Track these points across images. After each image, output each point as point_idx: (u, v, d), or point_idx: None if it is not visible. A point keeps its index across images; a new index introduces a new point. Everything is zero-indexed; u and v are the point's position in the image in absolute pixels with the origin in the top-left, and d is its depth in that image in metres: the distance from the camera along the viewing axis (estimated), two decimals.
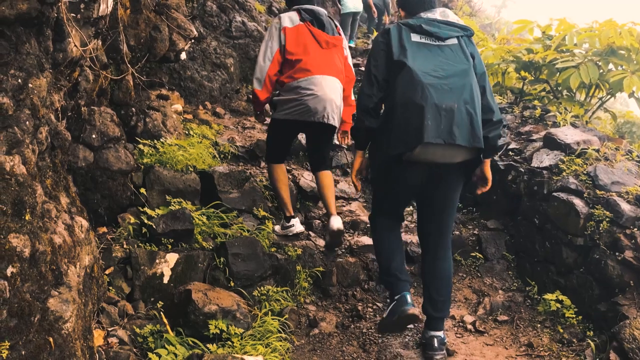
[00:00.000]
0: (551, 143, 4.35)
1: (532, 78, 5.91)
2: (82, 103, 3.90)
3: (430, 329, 3.27)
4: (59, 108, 2.66)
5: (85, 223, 2.55)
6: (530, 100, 5.68)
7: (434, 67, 2.94)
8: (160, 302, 3.34)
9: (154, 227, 3.72)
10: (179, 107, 6.85)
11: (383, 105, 3.18)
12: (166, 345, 2.82)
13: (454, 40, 3.08)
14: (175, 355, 2.78)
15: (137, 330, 3.02)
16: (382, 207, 3.48)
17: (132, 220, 3.81)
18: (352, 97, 4.49)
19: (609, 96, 5.33)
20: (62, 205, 2.49)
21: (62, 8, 2.44)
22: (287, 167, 5.81)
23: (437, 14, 3.22)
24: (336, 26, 4.33)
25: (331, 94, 4.07)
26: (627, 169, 3.87)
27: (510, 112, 5.37)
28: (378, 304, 3.99)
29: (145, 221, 3.75)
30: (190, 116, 6.95)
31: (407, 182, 3.15)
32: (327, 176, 4.46)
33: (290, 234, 4.38)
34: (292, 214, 4.48)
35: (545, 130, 4.64)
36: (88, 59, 3.18)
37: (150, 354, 2.73)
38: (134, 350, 2.93)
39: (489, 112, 3.03)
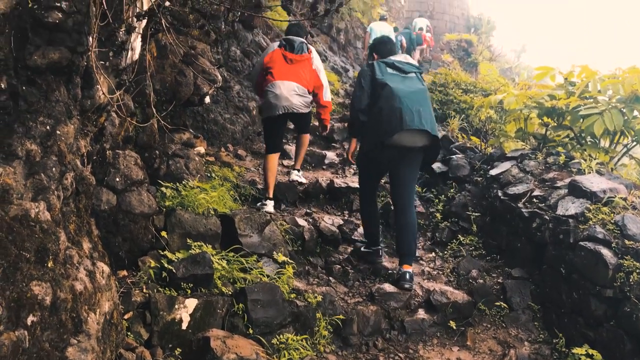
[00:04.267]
0: (576, 191, 4.28)
1: (555, 124, 5.88)
2: (107, 147, 3.96)
3: (402, 264, 4.45)
4: (85, 153, 2.69)
5: (106, 269, 2.54)
6: (553, 147, 5.63)
7: (404, 86, 4.46)
8: (178, 348, 3.29)
9: (174, 271, 3.70)
10: (201, 149, 6.91)
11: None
12: None
13: (413, 75, 4.64)
14: None
15: None
16: (366, 180, 4.91)
17: (153, 264, 3.79)
18: (324, 100, 6.02)
19: (635, 143, 5.26)
20: (84, 250, 2.49)
21: (92, 57, 2.49)
22: (308, 210, 5.87)
23: (401, 57, 4.81)
24: (308, 49, 5.86)
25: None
26: None
27: (534, 159, 5.31)
28: (400, 354, 3.88)
29: (166, 265, 3.73)
30: (212, 158, 7.01)
31: (384, 159, 4.57)
32: (303, 137, 6.44)
33: (263, 209, 5.44)
34: (270, 197, 5.70)
35: (570, 177, 4.57)
36: (115, 106, 3.23)
37: None
38: None
39: None
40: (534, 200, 4.65)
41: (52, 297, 1.93)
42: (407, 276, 4.38)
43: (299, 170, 6.63)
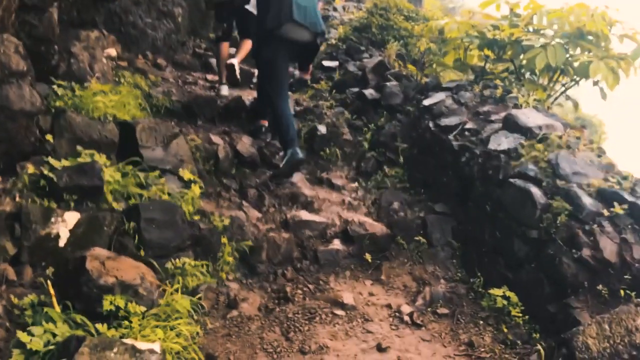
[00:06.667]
0: (511, 125, 4.01)
1: (495, 57, 5.58)
2: None
3: (293, 146, 4.68)
4: None
5: None
6: (491, 80, 5.34)
7: None
8: (51, 267, 2.84)
9: (55, 180, 3.17)
10: (112, 51, 6.19)
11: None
12: (44, 322, 2.33)
13: None
14: (54, 334, 2.30)
15: (15, 300, 2.52)
16: (270, 79, 4.95)
17: (32, 170, 3.24)
18: None
19: (573, 82, 5.04)
20: None
21: None
22: (227, 129, 5.37)
23: None
24: None
25: None
26: (590, 159, 3.57)
27: (470, 90, 5.01)
28: (309, 285, 3.59)
29: (46, 172, 3.19)
30: (125, 63, 6.31)
31: (278, 51, 4.80)
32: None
33: (217, 92, 6.12)
34: (224, 82, 6.15)
35: (506, 111, 4.30)
36: None
37: (19, 333, 2.23)
38: (7, 324, 2.44)
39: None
40: (466, 133, 4.37)
41: None
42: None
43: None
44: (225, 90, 6.16)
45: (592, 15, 4.62)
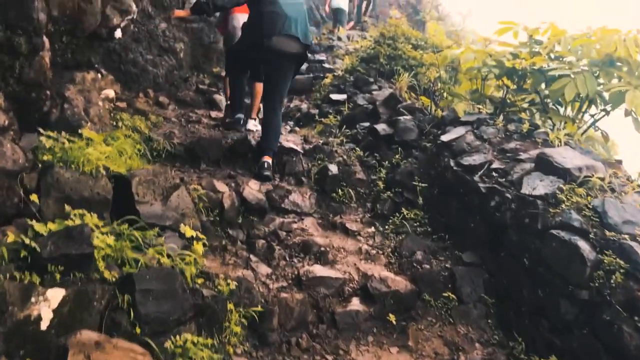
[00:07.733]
0: (546, 166, 3.62)
1: (515, 87, 5.22)
2: None
3: (262, 155, 5.05)
4: None
5: None
6: (514, 112, 4.97)
7: None
8: (30, 358, 2.43)
9: (39, 249, 2.80)
10: (110, 92, 5.89)
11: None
12: None
13: None
14: None
15: None
16: (237, 72, 5.61)
17: (12, 237, 2.87)
18: None
19: (604, 113, 4.66)
20: None
21: None
22: (232, 172, 5.04)
23: None
24: None
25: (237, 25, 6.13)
26: (639, 204, 3.17)
27: (492, 125, 4.64)
28: (327, 356, 3.18)
29: (27, 241, 2.82)
30: (124, 104, 6.00)
31: (260, 60, 5.16)
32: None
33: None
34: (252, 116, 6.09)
35: (536, 149, 3.92)
36: None
37: None
38: None
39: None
40: (493, 174, 3.98)
41: None
42: (266, 165, 4.97)
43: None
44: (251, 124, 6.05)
45: (623, 41, 4.27)
